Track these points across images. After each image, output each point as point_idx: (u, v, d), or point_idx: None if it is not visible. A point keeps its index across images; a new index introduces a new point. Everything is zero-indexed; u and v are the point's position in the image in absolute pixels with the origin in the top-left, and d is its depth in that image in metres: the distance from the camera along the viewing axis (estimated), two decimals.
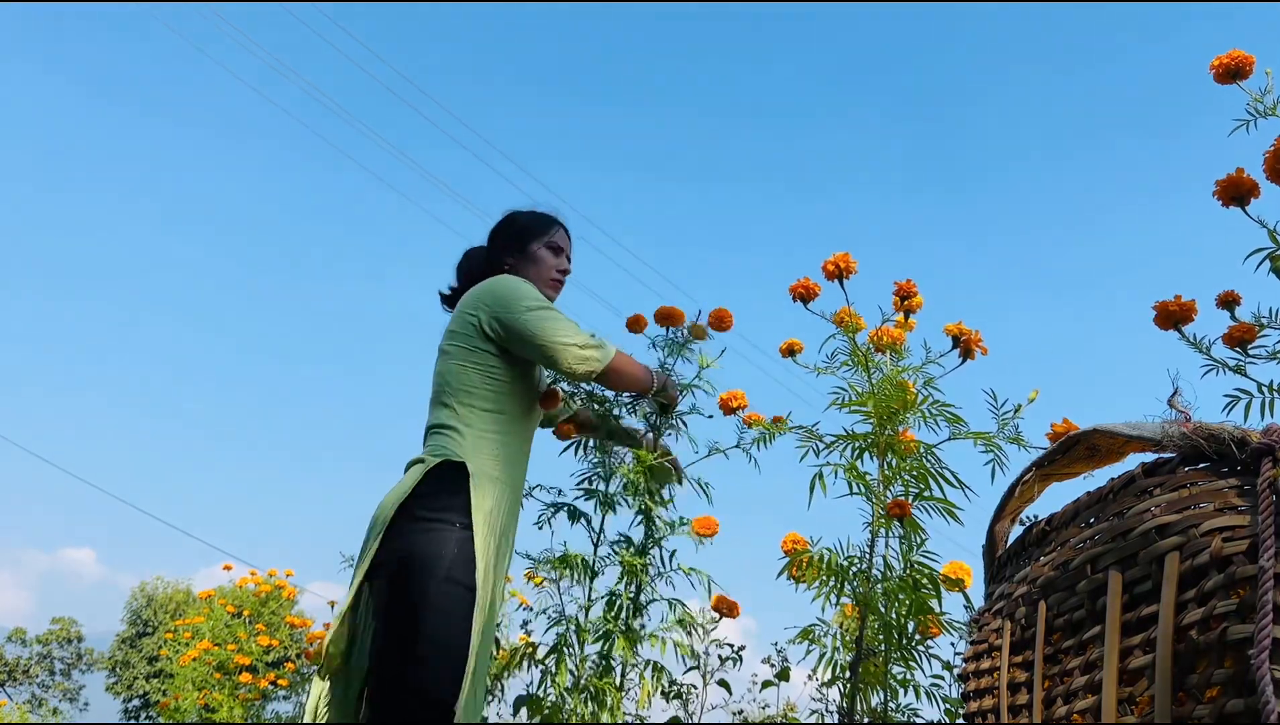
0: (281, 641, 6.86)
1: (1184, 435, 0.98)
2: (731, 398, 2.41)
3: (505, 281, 2.00)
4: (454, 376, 1.94)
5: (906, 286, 2.25)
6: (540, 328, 1.89)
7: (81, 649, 23.39)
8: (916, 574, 2.12)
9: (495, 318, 1.93)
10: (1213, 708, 0.85)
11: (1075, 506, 1.15)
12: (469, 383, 1.92)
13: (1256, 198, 1.61)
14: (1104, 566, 1.03)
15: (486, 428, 1.90)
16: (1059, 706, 1.05)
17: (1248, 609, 0.84)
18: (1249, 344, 1.65)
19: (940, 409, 2.19)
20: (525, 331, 1.90)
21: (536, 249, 2.14)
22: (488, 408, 1.92)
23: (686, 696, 3.02)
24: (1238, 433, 0.94)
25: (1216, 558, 0.89)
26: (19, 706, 12.00)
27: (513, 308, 1.92)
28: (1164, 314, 1.70)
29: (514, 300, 1.93)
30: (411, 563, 1.75)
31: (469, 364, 1.94)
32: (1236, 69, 1.68)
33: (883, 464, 2.21)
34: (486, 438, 1.89)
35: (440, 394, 1.96)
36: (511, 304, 1.93)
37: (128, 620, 21.06)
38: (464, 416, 1.90)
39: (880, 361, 2.23)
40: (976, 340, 2.15)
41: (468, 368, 1.93)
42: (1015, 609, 1.18)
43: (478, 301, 1.98)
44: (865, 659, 2.12)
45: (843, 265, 2.19)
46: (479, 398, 1.92)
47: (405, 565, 1.76)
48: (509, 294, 1.95)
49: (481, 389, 1.92)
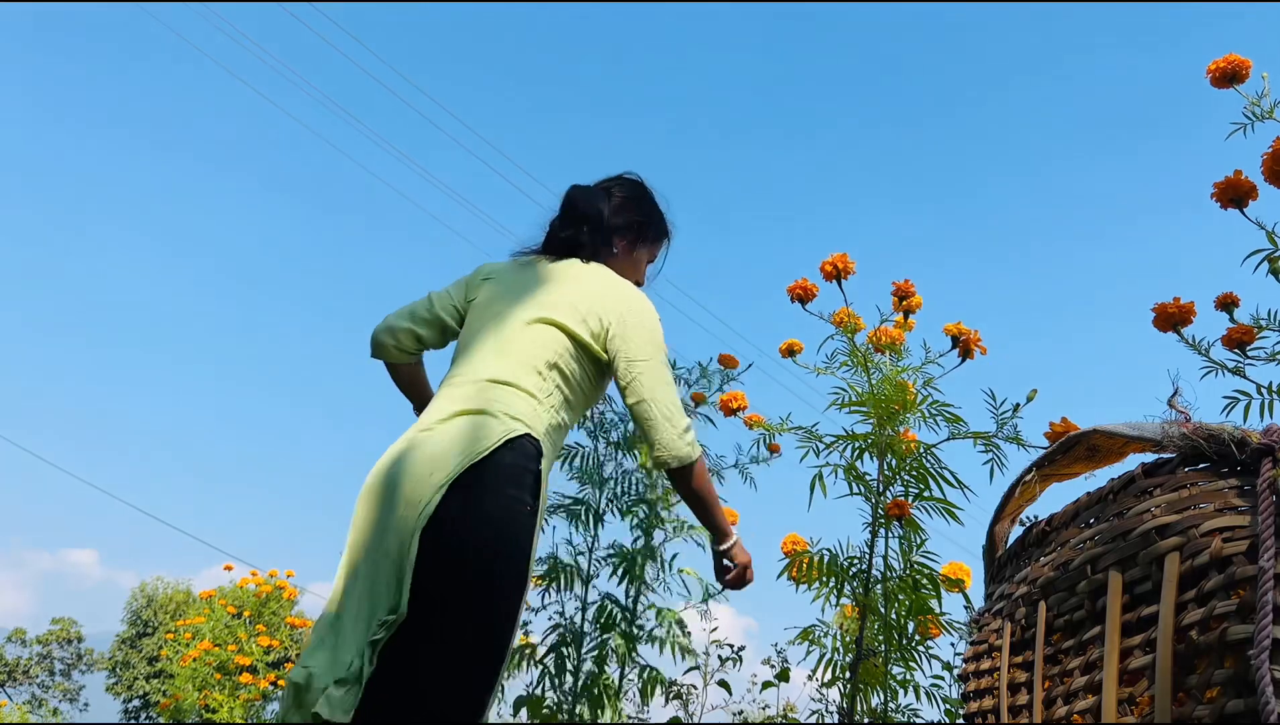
0: (282, 642, 6.85)
1: (1184, 436, 0.98)
2: (731, 399, 2.42)
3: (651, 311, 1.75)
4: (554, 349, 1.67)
5: (904, 287, 2.25)
6: (661, 387, 1.68)
7: (81, 649, 23.39)
8: (916, 574, 2.13)
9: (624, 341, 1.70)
10: (1212, 708, 0.85)
11: (1075, 507, 1.15)
12: (566, 367, 1.68)
13: (1254, 200, 1.62)
14: (1104, 567, 1.03)
15: (558, 419, 1.68)
16: (1059, 707, 1.06)
17: (1247, 609, 0.85)
18: (1248, 346, 1.65)
19: (939, 409, 2.19)
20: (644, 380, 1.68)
21: (642, 252, 1.89)
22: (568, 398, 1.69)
23: (687, 697, 3.03)
24: (1238, 433, 0.95)
25: (1216, 558, 0.89)
26: (19, 707, 12.00)
27: (646, 345, 1.70)
28: (1163, 316, 1.71)
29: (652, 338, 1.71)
30: (483, 539, 1.47)
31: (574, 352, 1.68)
32: (1233, 73, 1.69)
33: (882, 464, 2.21)
34: (555, 430, 1.67)
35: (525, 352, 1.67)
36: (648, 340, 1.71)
37: (128, 621, 21.06)
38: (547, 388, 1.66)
39: (880, 362, 2.24)
40: (975, 340, 2.16)
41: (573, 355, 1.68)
42: (1015, 609, 1.18)
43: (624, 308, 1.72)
44: (865, 659, 2.12)
45: (840, 266, 2.20)
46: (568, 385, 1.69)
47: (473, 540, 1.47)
48: (652, 328, 1.72)
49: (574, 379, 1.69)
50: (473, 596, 1.45)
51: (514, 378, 1.64)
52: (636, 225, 1.86)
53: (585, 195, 1.84)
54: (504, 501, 1.50)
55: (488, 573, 1.46)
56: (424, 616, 1.43)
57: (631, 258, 1.86)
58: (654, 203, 1.92)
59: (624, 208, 1.86)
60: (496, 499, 1.50)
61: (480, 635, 1.45)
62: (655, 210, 1.91)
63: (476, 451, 1.51)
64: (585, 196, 1.84)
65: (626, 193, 1.89)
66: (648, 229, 1.88)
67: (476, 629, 1.45)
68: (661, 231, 1.92)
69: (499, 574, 1.47)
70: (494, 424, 1.56)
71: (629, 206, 1.87)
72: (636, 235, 1.86)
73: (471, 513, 1.48)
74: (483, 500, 1.50)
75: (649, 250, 1.90)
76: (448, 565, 1.45)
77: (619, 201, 1.87)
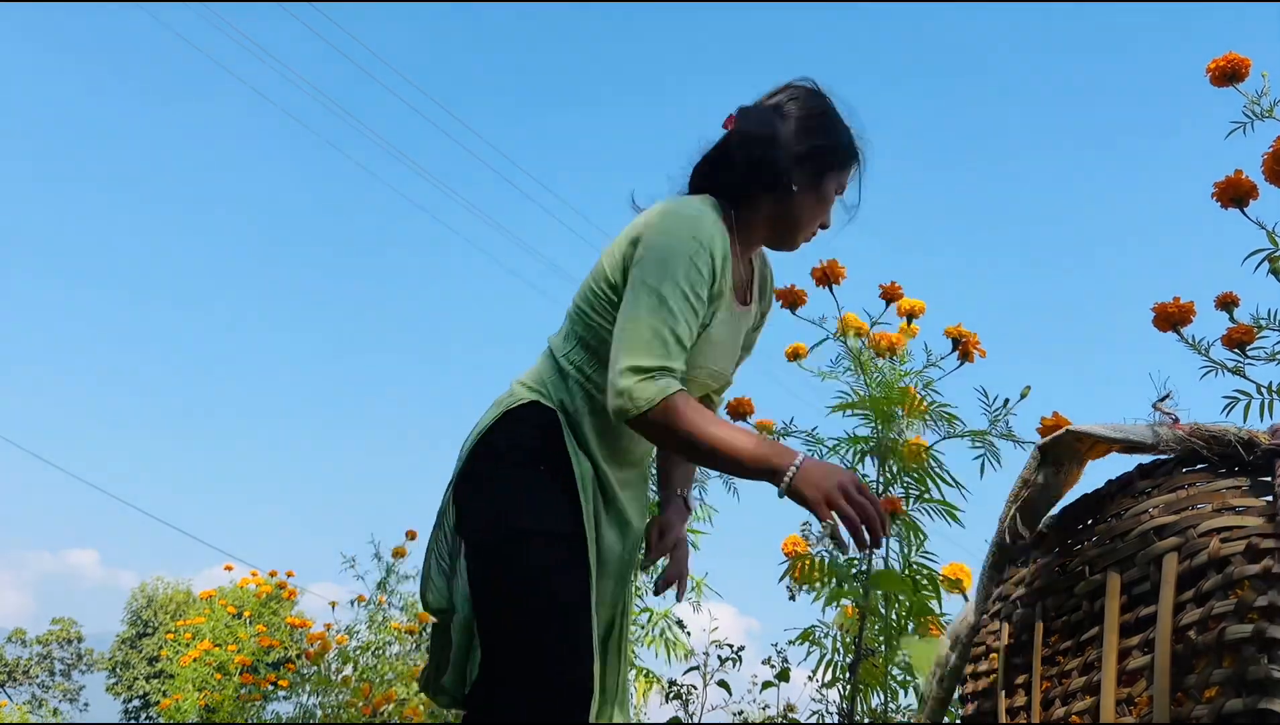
0: (282, 642, 6.86)
1: (1180, 437, 0.98)
2: (739, 404, 2.41)
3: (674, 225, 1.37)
4: (584, 299, 1.47)
5: (892, 289, 2.26)
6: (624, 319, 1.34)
7: (81, 649, 23.42)
8: (916, 574, 2.13)
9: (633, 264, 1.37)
10: (1211, 708, 0.85)
11: (1072, 508, 1.15)
12: (589, 309, 1.45)
13: (1255, 199, 1.62)
14: (1102, 568, 1.03)
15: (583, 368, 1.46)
16: (1057, 708, 1.06)
17: (1245, 609, 0.85)
18: (1248, 345, 1.65)
19: (937, 410, 2.20)
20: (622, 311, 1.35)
21: (829, 184, 1.49)
22: (589, 343, 1.46)
23: (687, 697, 3.03)
24: (1244, 434, 0.94)
25: (1214, 558, 0.89)
26: (19, 707, 12.01)
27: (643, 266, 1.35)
28: (1162, 316, 1.70)
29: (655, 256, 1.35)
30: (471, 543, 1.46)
31: (596, 291, 1.44)
32: (1233, 72, 1.69)
33: (883, 467, 2.22)
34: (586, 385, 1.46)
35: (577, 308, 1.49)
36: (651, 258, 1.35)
37: (128, 621, 21.08)
38: (567, 350, 1.48)
39: (881, 365, 2.24)
40: (975, 342, 2.16)
41: (596, 293, 1.44)
42: (1013, 611, 1.18)
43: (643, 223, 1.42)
44: (865, 660, 2.12)
45: (830, 272, 2.21)
46: (588, 330, 1.45)
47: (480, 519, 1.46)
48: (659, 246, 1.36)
49: (593, 322, 1.44)
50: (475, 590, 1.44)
51: (548, 345, 1.52)
52: (819, 151, 1.46)
53: (753, 119, 1.46)
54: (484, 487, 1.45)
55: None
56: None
57: (818, 193, 1.48)
58: (838, 118, 1.51)
59: (803, 130, 1.46)
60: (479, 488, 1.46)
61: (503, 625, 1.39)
62: (839, 127, 1.51)
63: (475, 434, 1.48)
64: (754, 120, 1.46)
65: (803, 109, 1.48)
66: (833, 154, 1.48)
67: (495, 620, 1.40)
68: (851, 154, 1.52)
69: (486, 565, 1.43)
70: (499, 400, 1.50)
71: (809, 128, 1.47)
72: (822, 164, 1.47)
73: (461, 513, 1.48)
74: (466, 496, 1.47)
75: (837, 179, 1.50)
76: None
77: (796, 123, 1.46)
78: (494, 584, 1.40)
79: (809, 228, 1.52)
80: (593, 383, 1.45)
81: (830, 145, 1.48)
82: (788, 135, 1.45)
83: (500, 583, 1.39)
